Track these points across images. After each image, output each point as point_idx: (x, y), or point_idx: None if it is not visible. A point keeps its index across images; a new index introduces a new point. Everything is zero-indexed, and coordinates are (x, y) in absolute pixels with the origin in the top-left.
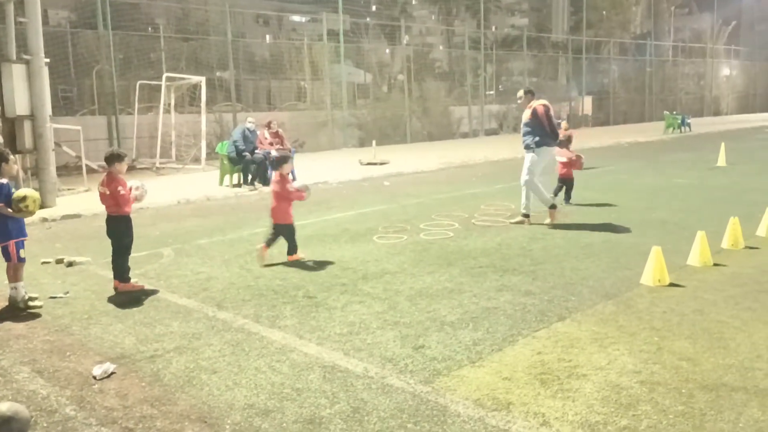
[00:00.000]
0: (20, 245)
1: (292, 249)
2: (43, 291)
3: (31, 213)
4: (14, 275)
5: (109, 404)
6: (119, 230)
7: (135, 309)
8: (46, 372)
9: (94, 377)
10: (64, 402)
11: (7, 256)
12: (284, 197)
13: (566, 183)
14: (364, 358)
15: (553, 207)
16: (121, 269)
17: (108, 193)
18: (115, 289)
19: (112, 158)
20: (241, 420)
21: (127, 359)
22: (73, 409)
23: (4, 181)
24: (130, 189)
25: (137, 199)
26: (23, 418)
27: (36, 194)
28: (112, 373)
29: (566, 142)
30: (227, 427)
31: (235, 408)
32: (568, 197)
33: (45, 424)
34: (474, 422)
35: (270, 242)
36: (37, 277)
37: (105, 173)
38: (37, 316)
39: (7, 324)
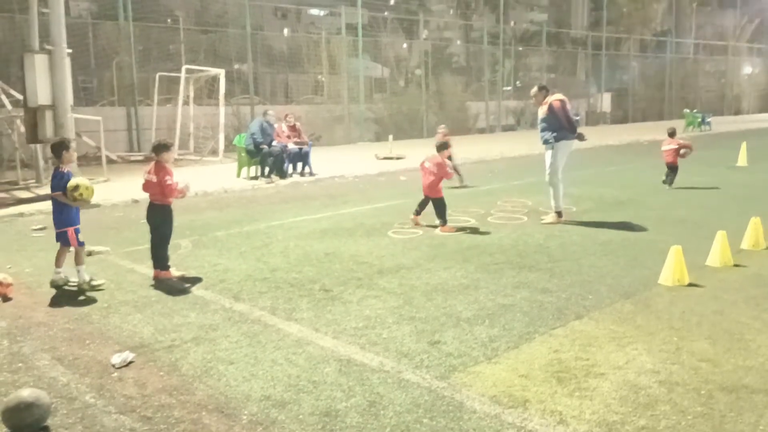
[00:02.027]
0: (78, 231)
1: (443, 221)
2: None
3: (87, 201)
4: (78, 258)
5: (127, 393)
6: (158, 219)
7: (153, 299)
8: (66, 360)
9: (113, 366)
10: (83, 389)
11: (67, 242)
12: (440, 176)
13: (673, 169)
14: (380, 352)
15: (559, 214)
16: (160, 258)
17: (155, 181)
18: (155, 278)
19: (160, 148)
20: (258, 411)
21: (145, 348)
22: (92, 397)
23: (66, 169)
24: (177, 183)
25: (183, 192)
26: (44, 404)
27: (87, 182)
28: (131, 362)
29: (672, 134)
30: (244, 417)
31: (252, 399)
32: (670, 182)
33: (65, 411)
34: (490, 419)
35: (419, 212)
36: None
37: (153, 162)
38: (57, 305)
39: (28, 312)
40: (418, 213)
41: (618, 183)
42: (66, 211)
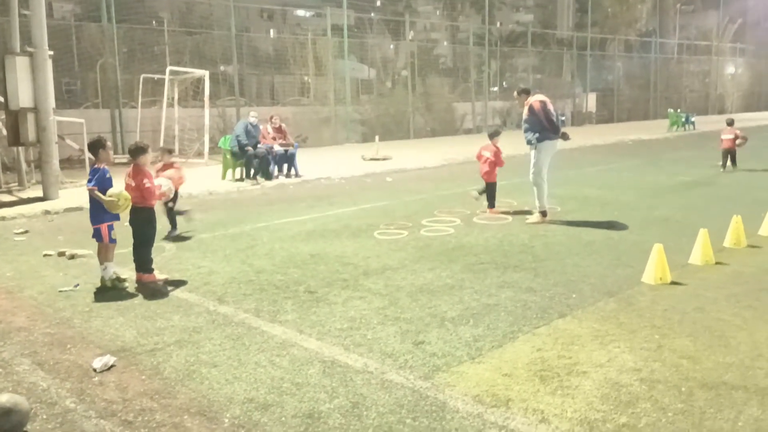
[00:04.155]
0: (111, 228)
1: (492, 204)
2: (45, 283)
3: (117, 207)
4: (105, 255)
5: (108, 397)
6: (141, 222)
7: (136, 302)
8: (46, 364)
9: (95, 370)
10: (64, 394)
11: (99, 237)
12: (496, 164)
13: (731, 153)
14: (364, 353)
15: (543, 213)
16: (143, 261)
17: (134, 185)
18: (138, 281)
19: (137, 151)
20: (241, 414)
21: (127, 352)
22: (72, 402)
23: (101, 166)
24: (160, 186)
25: (164, 195)
26: (23, 410)
27: (128, 196)
28: (113, 365)
29: (731, 123)
30: (226, 420)
31: (235, 402)
32: (733, 163)
33: (45, 416)
34: (473, 418)
35: (485, 198)
36: (39, 269)
37: (131, 165)
38: (42, 308)
39: (8, 316)
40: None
41: (602, 183)
42: (100, 208)
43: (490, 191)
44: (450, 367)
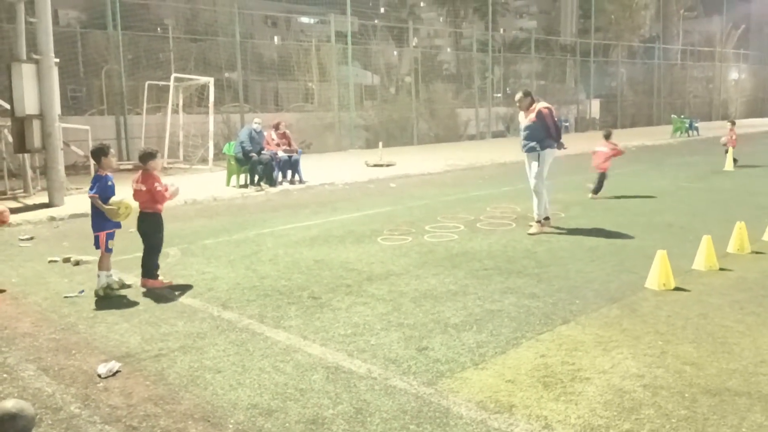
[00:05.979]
0: (110, 236)
1: (597, 190)
2: (50, 289)
3: (119, 216)
4: (101, 264)
5: (113, 402)
6: (150, 228)
7: (141, 308)
8: (51, 370)
9: (99, 376)
10: (69, 400)
11: (97, 245)
12: (611, 156)
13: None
14: (368, 359)
15: (545, 220)
16: (149, 267)
17: (144, 189)
18: (143, 287)
19: (147, 156)
20: (245, 420)
21: (132, 358)
22: (77, 407)
23: (103, 173)
24: (166, 187)
25: (173, 195)
26: (28, 416)
27: (129, 204)
28: (117, 371)
29: (732, 123)
30: (230, 426)
31: (239, 408)
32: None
33: (50, 422)
34: (476, 424)
35: (597, 189)
36: (44, 275)
37: (140, 171)
38: (47, 314)
39: (13, 322)
40: (597, 191)
41: (605, 188)
42: (101, 215)
43: (602, 179)
44: (453, 373)
